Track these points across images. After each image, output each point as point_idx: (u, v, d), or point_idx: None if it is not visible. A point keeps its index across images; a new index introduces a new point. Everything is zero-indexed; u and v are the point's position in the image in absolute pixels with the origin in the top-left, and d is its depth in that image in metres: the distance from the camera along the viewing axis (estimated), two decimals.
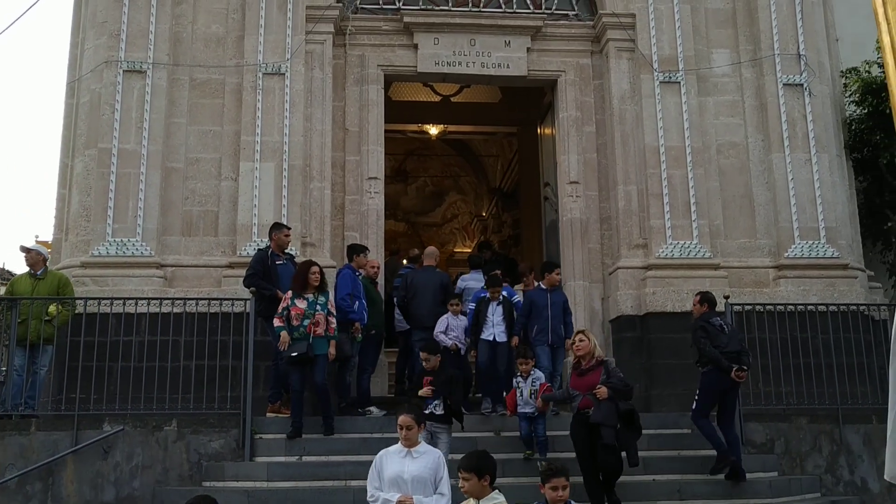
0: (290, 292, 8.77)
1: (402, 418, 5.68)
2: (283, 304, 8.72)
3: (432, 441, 7.42)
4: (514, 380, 8.68)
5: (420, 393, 8.03)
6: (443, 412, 7.93)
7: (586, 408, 7.60)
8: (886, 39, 2.59)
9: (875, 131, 11.51)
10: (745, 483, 8.35)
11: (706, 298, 8.79)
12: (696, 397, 8.51)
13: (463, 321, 9.80)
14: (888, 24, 2.53)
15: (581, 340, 7.87)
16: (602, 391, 7.49)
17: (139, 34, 10.64)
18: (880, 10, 2.59)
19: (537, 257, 12.57)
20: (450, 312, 9.82)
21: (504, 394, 8.96)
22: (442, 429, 7.96)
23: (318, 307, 8.74)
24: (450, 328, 9.70)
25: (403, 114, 15.79)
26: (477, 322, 9.52)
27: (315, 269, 8.85)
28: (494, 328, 9.44)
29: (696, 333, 8.50)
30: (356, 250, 10.07)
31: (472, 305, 9.85)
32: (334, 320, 8.90)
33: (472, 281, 11.17)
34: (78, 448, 8.44)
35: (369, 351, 10.02)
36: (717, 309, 8.87)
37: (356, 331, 9.47)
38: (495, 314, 9.49)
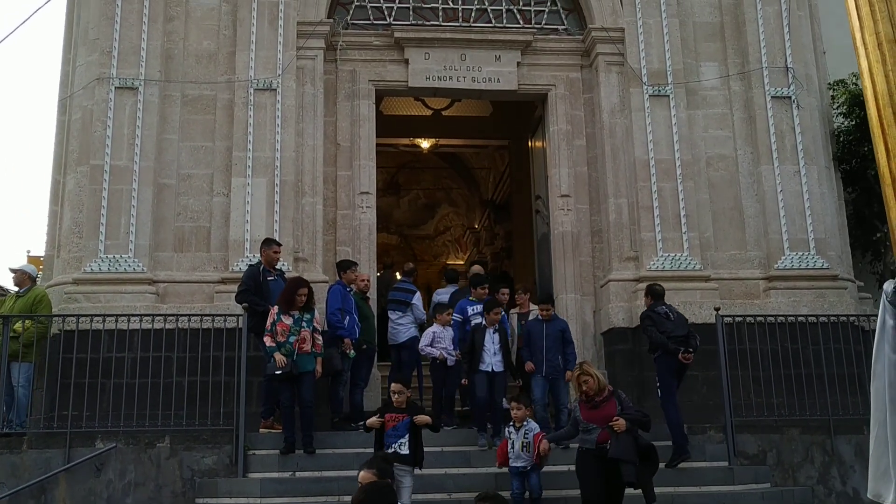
0: (275, 308, 8.78)
1: (361, 474, 4.93)
2: (270, 320, 8.72)
3: (394, 484, 6.55)
4: (506, 429, 8.03)
5: (368, 423, 7.48)
6: (408, 451, 7.28)
7: (605, 441, 7.11)
8: (864, 64, 2.65)
9: (863, 143, 11.60)
10: (737, 493, 8.41)
11: (650, 291, 9.58)
12: (658, 384, 9.09)
13: (450, 332, 9.65)
14: (865, 48, 2.59)
15: (585, 382, 7.27)
16: (620, 423, 7.02)
17: (131, 51, 10.67)
18: (857, 35, 2.65)
19: (529, 270, 12.63)
20: (435, 323, 9.68)
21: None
22: (405, 471, 7.25)
23: (304, 324, 8.73)
24: (436, 339, 9.55)
25: (395, 128, 15.85)
26: (472, 350, 9.07)
27: (304, 290, 8.78)
28: (492, 358, 8.99)
29: (644, 323, 9.30)
30: (345, 266, 10.11)
31: (457, 317, 9.75)
32: (320, 337, 8.92)
33: (447, 295, 11.23)
34: (70, 466, 8.43)
35: (362, 366, 10.03)
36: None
37: (347, 346, 9.48)
38: (493, 342, 9.03)
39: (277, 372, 8.53)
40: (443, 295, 11.38)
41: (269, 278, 9.33)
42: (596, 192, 11.53)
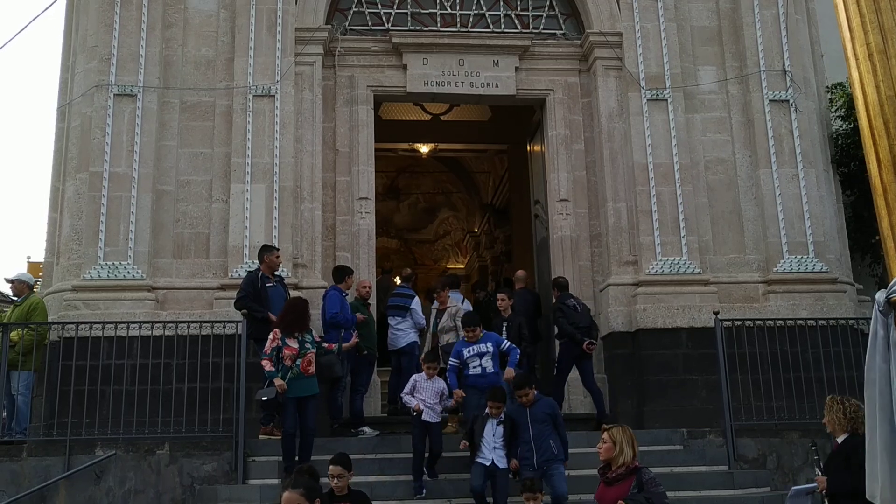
0: (276, 332, 8.35)
1: (284, 496, 4.19)
2: (271, 345, 8.29)
3: None
4: None
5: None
6: None
7: None
8: (855, 74, 2.66)
9: (861, 146, 11.54)
10: (737, 497, 8.42)
11: (556, 284, 10.75)
12: (557, 364, 10.48)
13: (437, 384, 8.59)
14: (856, 59, 2.60)
15: (604, 441, 5.97)
16: None
17: (129, 58, 10.68)
18: (848, 46, 2.66)
19: (529, 274, 12.60)
20: (423, 373, 8.68)
21: None
22: None
23: (308, 345, 8.43)
24: (417, 390, 8.53)
25: (394, 133, 15.89)
26: (472, 439, 7.98)
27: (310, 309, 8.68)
28: (492, 452, 7.80)
29: (556, 314, 10.37)
30: (343, 273, 10.10)
31: (453, 361, 8.81)
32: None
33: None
34: (70, 473, 8.43)
35: (362, 371, 10.04)
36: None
37: (353, 342, 9.48)
38: (495, 435, 7.82)
39: (264, 399, 8.27)
40: None
41: (267, 285, 9.33)
42: (595, 196, 11.54)
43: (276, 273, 9.60)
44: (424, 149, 18.17)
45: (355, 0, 11.89)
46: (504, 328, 9.72)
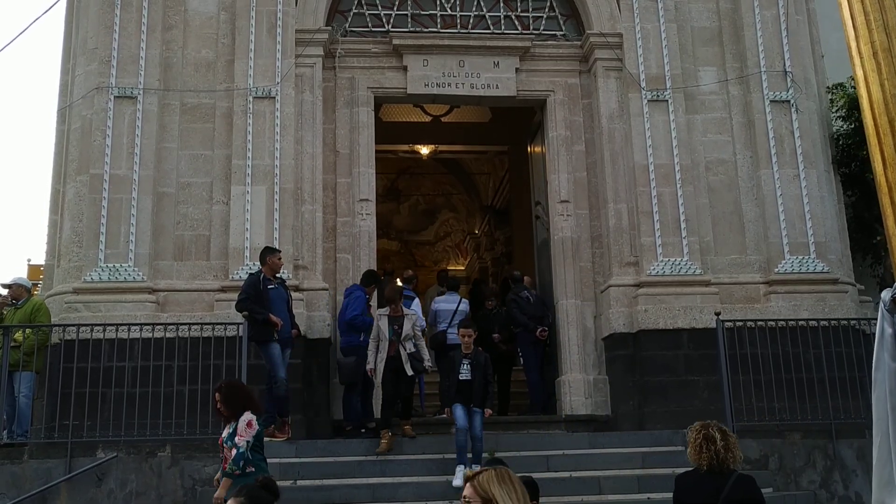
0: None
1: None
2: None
3: None
4: None
5: None
6: None
7: None
8: (860, 73, 2.65)
9: (862, 146, 11.54)
10: None
11: (512, 277, 11.79)
12: (520, 354, 11.35)
13: None
14: (861, 58, 2.59)
15: (466, 499, 3.26)
16: None
17: (130, 60, 10.68)
18: (853, 44, 2.65)
19: (530, 276, 12.59)
20: None
21: None
22: None
23: (227, 438, 6.38)
24: None
25: (394, 134, 15.88)
26: None
27: (216, 395, 6.59)
28: None
29: (510, 305, 11.22)
30: (372, 279, 10.16)
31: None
32: (239, 455, 6.24)
33: (445, 303, 11.23)
34: (71, 476, 8.43)
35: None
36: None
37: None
38: None
39: None
40: (441, 304, 11.37)
41: (269, 286, 9.31)
42: (595, 197, 11.52)
43: (277, 275, 9.59)
44: (425, 150, 18.17)
45: (355, 2, 11.88)
46: (467, 365, 8.76)
